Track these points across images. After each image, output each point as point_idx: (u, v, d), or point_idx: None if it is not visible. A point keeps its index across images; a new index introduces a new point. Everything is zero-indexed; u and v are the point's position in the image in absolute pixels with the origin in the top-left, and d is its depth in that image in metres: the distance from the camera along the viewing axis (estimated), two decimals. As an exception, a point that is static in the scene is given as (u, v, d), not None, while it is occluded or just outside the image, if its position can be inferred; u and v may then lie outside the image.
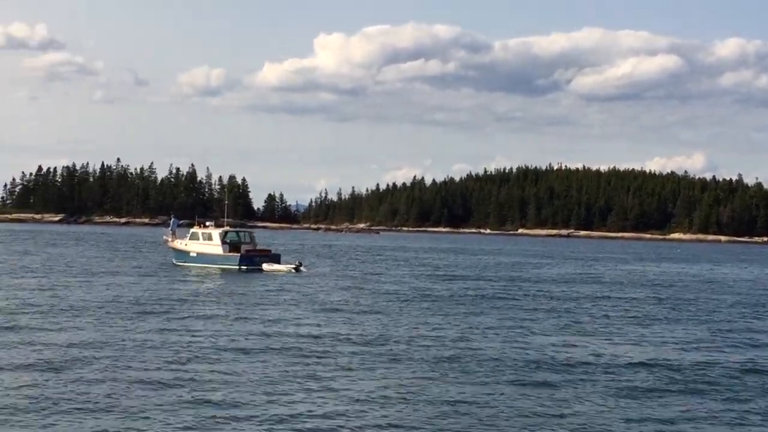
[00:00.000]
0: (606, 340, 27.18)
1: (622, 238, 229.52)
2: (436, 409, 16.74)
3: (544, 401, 17.73)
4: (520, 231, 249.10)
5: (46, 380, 18.13)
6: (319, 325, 28.44)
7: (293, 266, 55.07)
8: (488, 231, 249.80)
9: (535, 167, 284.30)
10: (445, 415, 16.33)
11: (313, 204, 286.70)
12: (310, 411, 16.28)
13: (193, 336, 25.09)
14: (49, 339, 23.57)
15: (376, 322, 29.91)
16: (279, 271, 54.27)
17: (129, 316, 29.24)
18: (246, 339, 24.88)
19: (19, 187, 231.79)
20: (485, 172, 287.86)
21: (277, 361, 21.38)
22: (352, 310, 33.24)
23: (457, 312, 33.88)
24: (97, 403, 16.36)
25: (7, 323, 26.42)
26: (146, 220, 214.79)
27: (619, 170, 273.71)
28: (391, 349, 23.63)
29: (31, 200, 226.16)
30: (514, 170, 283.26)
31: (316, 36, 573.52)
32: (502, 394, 18.32)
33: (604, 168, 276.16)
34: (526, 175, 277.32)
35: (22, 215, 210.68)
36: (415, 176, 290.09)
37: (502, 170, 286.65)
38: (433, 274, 58.41)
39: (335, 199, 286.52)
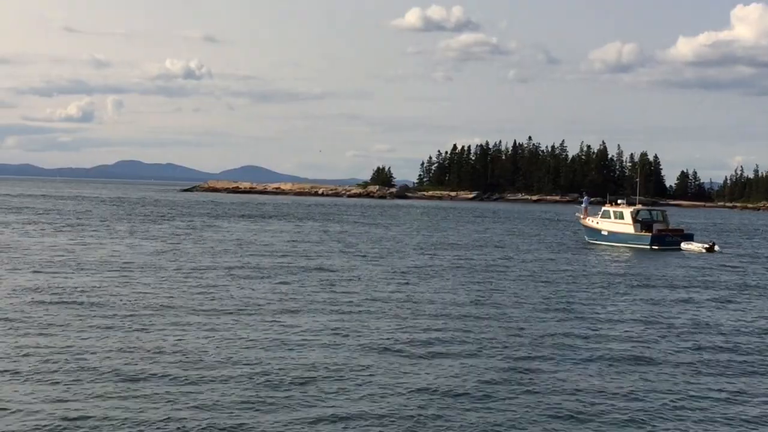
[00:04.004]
0: None
1: None
2: None
3: None
4: None
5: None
6: (738, 312, 27.60)
7: (706, 246, 53.74)
8: None
9: None
10: None
11: (728, 181, 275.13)
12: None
13: (606, 316, 25.41)
14: (453, 312, 25.01)
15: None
16: (691, 251, 53.22)
17: (546, 293, 30.14)
18: (658, 326, 24.61)
19: (435, 165, 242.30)
20: None
21: (696, 354, 21.00)
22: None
23: None
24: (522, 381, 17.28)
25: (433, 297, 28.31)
26: (557, 198, 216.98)
27: None
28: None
29: (447, 178, 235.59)
30: None
31: (733, 8, 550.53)
32: None
33: None
34: None
35: (438, 192, 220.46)
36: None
37: None
38: None
39: (751, 176, 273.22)
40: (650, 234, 55.72)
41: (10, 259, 35.61)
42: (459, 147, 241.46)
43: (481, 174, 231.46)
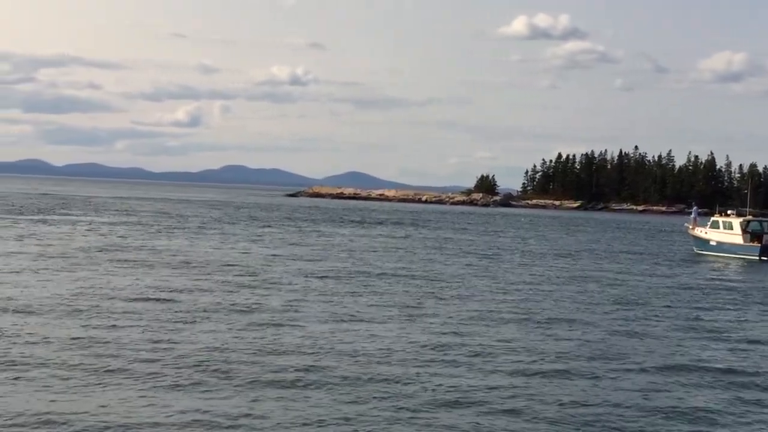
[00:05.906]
0: None
1: None
2: None
3: None
4: None
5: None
6: None
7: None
8: None
9: None
10: None
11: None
12: None
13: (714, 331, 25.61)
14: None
15: None
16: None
17: (650, 303, 30.38)
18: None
19: (540, 173, 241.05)
20: None
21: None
22: None
23: None
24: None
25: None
26: (663, 208, 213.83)
27: None
28: None
29: (551, 187, 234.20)
30: None
31: None
32: None
33: None
34: None
35: (542, 201, 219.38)
36: None
37: None
38: None
39: None
40: (759, 245, 55.19)
41: (129, 259, 37.25)
42: (564, 156, 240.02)
43: (586, 183, 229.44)
